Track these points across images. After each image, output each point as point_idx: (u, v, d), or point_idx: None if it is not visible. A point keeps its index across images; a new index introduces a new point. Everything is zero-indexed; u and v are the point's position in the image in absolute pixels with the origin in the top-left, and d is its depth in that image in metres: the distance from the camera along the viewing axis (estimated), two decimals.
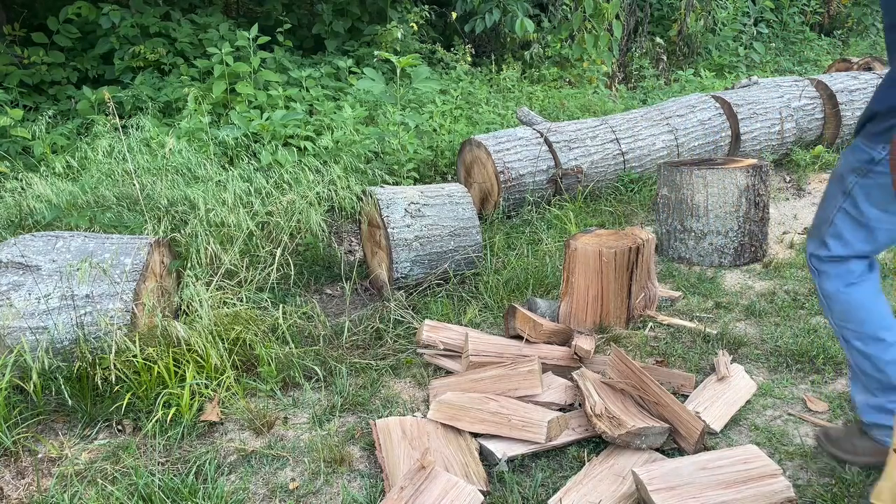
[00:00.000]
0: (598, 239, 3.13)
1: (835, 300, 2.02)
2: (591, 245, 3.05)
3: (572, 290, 3.09)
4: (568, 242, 3.08)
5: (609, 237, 3.15)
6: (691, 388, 2.56)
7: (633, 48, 9.23)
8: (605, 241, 3.09)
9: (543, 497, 2.05)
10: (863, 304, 1.97)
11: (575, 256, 3.06)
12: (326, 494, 2.11)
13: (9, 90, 5.97)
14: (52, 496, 2.10)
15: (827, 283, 2.03)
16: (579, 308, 3.09)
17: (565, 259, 3.10)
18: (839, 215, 1.97)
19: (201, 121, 4.81)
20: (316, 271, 3.82)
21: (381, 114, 5.60)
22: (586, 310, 3.08)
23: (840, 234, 1.97)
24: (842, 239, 1.97)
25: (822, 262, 2.03)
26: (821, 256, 2.03)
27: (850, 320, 1.99)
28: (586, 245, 3.05)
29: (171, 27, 6.76)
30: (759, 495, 1.85)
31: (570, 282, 3.09)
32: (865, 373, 1.99)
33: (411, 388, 2.72)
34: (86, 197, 3.79)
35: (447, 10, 8.67)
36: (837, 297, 2.01)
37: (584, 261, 3.04)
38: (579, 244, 3.05)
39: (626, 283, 3.05)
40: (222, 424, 2.48)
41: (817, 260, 2.05)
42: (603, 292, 3.06)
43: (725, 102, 5.37)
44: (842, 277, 2.00)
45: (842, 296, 2.00)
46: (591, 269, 3.04)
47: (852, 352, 2.01)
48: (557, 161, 4.61)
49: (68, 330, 2.62)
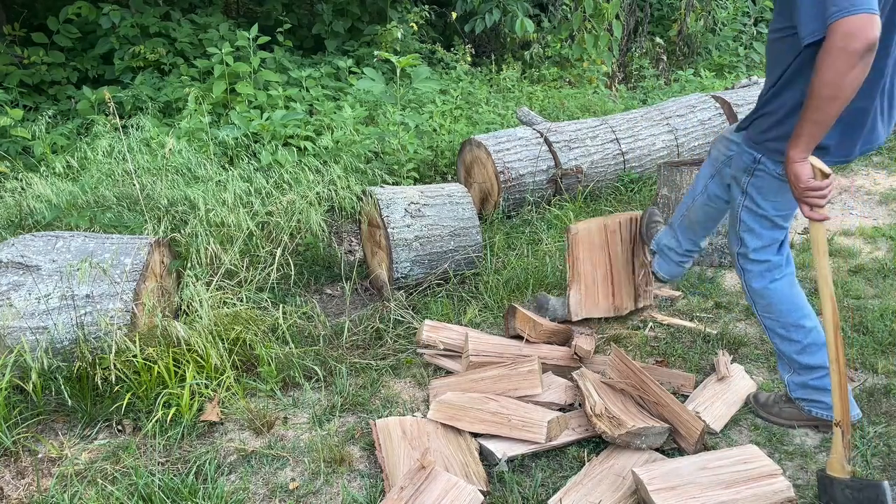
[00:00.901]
0: (596, 221, 3.13)
1: (760, 295, 2.26)
2: (593, 224, 3.06)
3: (579, 277, 3.07)
4: (568, 228, 3.06)
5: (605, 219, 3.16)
6: (691, 388, 2.56)
7: (633, 48, 9.22)
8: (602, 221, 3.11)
9: (543, 497, 2.05)
10: (785, 297, 2.22)
11: (577, 240, 3.05)
12: (326, 494, 2.11)
13: (9, 90, 5.97)
14: (52, 496, 2.10)
15: (754, 281, 2.26)
16: (589, 293, 3.08)
17: (568, 247, 3.07)
18: (743, 213, 2.21)
19: (201, 121, 4.81)
20: (316, 271, 3.82)
21: (381, 114, 5.59)
22: (597, 293, 3.07)
23: (751, 229, 2.21)
24: (753, 232, 2.21)
25: (748, 261, 2.26)
26: (744, 254, 2.26)
27: (773, 312, 2.24)
28: (588, 225, 3.05)
29: (171, 27, 6.76)
30: (759, 495, 1.85)
31: (575, 269, 3.06)
32: (789, 356, 2.25)
33: (411, 388, 2.72)
34: (86, 197, 3.79)
35: (447, 10, 8.66)
36: (763, 293, 2.24)
37: (588, 241, 3.03)
38: (580, 227, 3.05)
39: (630, 256, 3.08)
40: (222, 424, 2.48)
41: (743, 259, 2.27)
42: (612, 269, 3.07)
43: (725, 102, 5.37)
44: (766, 275, 2.24)
45: (767, 291, 2.23)
46: (596, 247, 3.03)
47: (776, 338, 2.28)
48: (557, 161, 4.61)
49: (68, 330, 2.62)
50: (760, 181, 2.12)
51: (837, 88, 1.72)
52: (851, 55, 1.66)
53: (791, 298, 2.23)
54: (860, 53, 1.66)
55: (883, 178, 5.14)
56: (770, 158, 2.06)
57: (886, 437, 2.26)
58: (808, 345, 2.21)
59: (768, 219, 2.17)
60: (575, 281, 3.08)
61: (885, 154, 5.67)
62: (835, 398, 1.95)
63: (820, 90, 1.74)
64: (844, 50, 1.66)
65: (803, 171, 1.85)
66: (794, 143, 1.85)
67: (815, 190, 1.84)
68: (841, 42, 1.66)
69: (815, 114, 1.78)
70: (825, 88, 1.73)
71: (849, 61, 1.67)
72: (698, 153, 5.13)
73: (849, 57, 1.67)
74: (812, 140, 1.83)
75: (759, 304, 2.28)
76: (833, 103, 1.74)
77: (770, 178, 2.09)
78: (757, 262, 2.24)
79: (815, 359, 2.21)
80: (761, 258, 2.23)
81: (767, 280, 2.23)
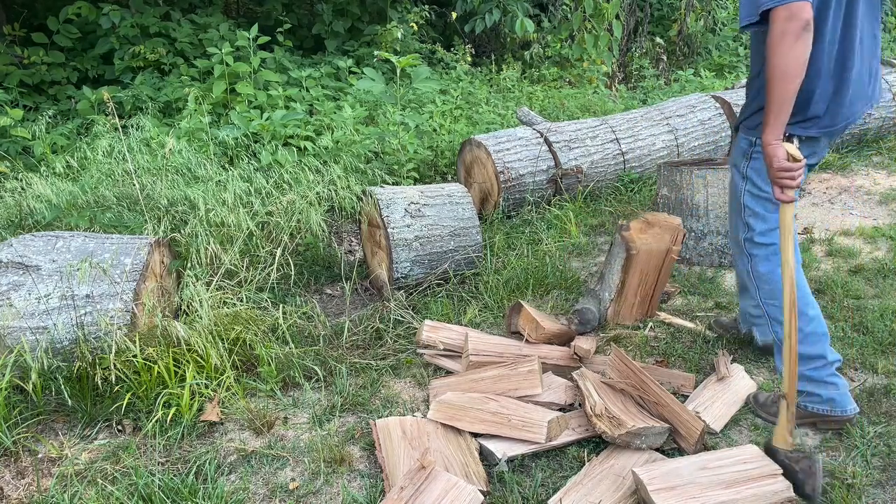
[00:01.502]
0: (649, 232, 3.05)
1: (766, 280, 2.29)
2: (655, 246, 2.99)
3: (624, 291, 3.04)
4: (630, 241, 2.97)
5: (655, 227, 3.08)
6: (691, 387, 2.56)
7: (633, 48, 9.23)
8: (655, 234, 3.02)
9: (543, 497, 2.05)
10: None
11: (636, 260, 2.98)
12: (326, 494, 2.11)
13: (9, 90, 5.97)
14: (52, 496, 2.10)
15: (761, 265, 2.30)
16: (626, 306, 3.08)
17: (625, 263, 2.99)
18: (746, 197, 2.29)
19: (201, 121, 4.81)
20: (316, 271, 3.82)
21: (381, 114, 5.59)
22: (633, 308, 3.08)
23: (755, 212, 2.27)
24: (758, 216, 2.27)
25: (754, 245, 2.30)
26: (750, 238, 2.30)
27: (777, 298, 2.27)
28: (650, 246, 2.98)
29: (171, 27, 6.76)
30: (759, 495, 1.86)
31: (626, 283, 3.02)
32: None
33: (411, 388, 2.71)
34: (86, 197, 3.79)
35: (447, 10, 8.66)
36: (769, 278, 2.28)
37: (647, 261, 2.99)
38: (640, 247, 2.97)
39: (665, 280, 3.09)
40: (222, 424, 2.48)
41: (749, 244, 2.31)
42: (655, 289, 3.07)
43: (725, 102, 5.37)
44: (772, 258, 2.27)
45: (773, 276, 2.27)
46: (650, 268, 3.00)
47: (776, 326, 2.30)
48: (557, 161, 4.61)
49: (68, 330, 2.62)
50: (758, 163, 2.21)
51: (787, 67, 1.91)
52: (790, 35, 1.87)
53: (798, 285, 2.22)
54: (797, 32, 1.87)
55: (883, 178, 5.14)
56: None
57: (886, 437, 2.26)
58: (809, 333, 2.22)
59: (771, 200, 2.23)
60: (620, 294, 3.05)
61: (885, 154, 5.67)
62: (785, 372, 2.05)
63: (773, 72, 1.93)
64: (784, 31, 1.87)
65: (778, 152, 1.98)
66: (766, 127, 2.00)
67: (787, 171, 1.97)
68: (781, 26, 1.87)
69: (774, 95, 1.95)
70: (777, 70, 1.92)
71: (789, 40, 1.88)
72: (698, 153, 5.14)
73: (790, 37, 1.87)
74: (779, 121, 1.97)
75: (764, 290, 2.30)
76: (787, 82, 1.93)
77: None
78: (763, 246, 2.28)
79: (814, 348, 2.22)
80: (768, 241, 2.27)
81: (775, 264, 2.26)
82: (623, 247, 3.01)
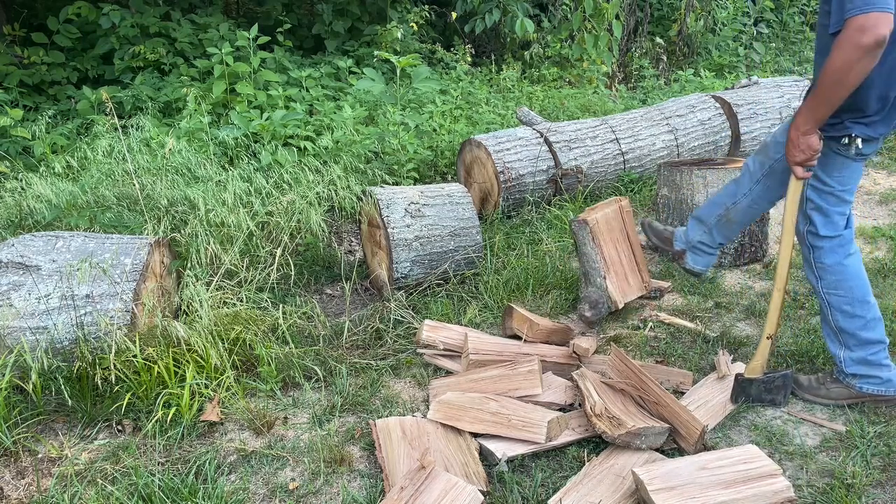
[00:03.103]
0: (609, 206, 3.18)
1: (832, 271, 2.34)
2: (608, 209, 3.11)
3: (609, 265, 3.10)
4: (584, 220, 3.08)
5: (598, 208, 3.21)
6: (690, 385, 2.56)
7: (633, 48, 9.22)
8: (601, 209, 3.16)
9: (543, 497, 2.05)
10: (855, 272, 2.33)
11: (599, 228, 3.07)
12: (326, 494, 2.11)
13: (9, 90, 5.96)
14: (52, 496, 2.10)
15: (826, 257, 2.34)
16: (619, 277, 3.12)
17: (592, 237, 3.08)
18: (808, 191, 2.32)
19: (201, 121, 4.80)
20: (316, 271, 3.82)
21: (381, 114, 5.59)
22: (626, 275, 3.13)
23: (818, 207, 2.31)
24: (821, 210, 2.31)
25: (818, 237, 2.35)
26: (813, 232, 2.35)
27: (842, 288, 2.33)
28: (604, 212, 3.10)
29: (171, 27, 6.76)
30: (759, 495, 1.86)
31: (603, 257, 3.09)
32: (848, 332, 2.35)
33: (411, 388, 2.71)
34: (86, 197, 3.79)
35: (447, 10, 8.66)
36: (836, 269, 2.33)
37: (609, 227, 3.09)
38: (597, 216, 3.08)
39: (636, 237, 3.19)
40: (222, 424, 2.48)
41: (812, 237, 2.36)
42: (633, 249, 3.16)
43: (725, 102, 5.37)
44: (838, 250, 2.33)
45: (840, 267, 2.33)
46: (615, 231, 3.09)
47: (838, 315, 2.36)
48: (557, 161, 4.61)
49: (68, 330, 2.62)
50: (824, 158, 2.25)
51: (844, 75, 1.93)
52: (860, 48, 1.86)
53: (861, 275, 2.34)
54: (869, 47, 1.86)
55: (883, 178, 5.14)
56: (831, 137, 2.21)
57: (886, 437, 2.26)
58: (871, 320, 2.33)
59: (834, 195, 2.29)
60: (607, 270, 3.10)
61: (885, 154, 5.67)
62: (772, 317, 2.36)
63: (829, 75, 1.96)
64: (854, 43, 1.86)
65: (812, 142, 2.13)
66: (803, 115, 2.11)
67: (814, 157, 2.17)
68: (853, 36, 1.86)
69: (822, 95, 2.03)
70: (833, 74, 1.95)
71: (857, 53, 1.88)
72: (698, 153, 5.13)
73: (857, 49, 1.87)
74: (817, 117, 2.08)
75: (827, 281, 2.36)
76: (838, 89, 1.97)
77: (833, 154, 2.23)
78: (828, 238, 2.33)
79: (875, 333, 2.34)
80: (832, 233, 2.32)
81: (841, 255, 2.32)
82: (583, 227, 3.09)
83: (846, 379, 2.40)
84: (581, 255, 3.15)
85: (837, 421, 2.37)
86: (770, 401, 2.45)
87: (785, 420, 2.40)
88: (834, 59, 1.92)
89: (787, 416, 2.42)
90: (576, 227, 3.11)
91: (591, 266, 3.08)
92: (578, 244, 3.15)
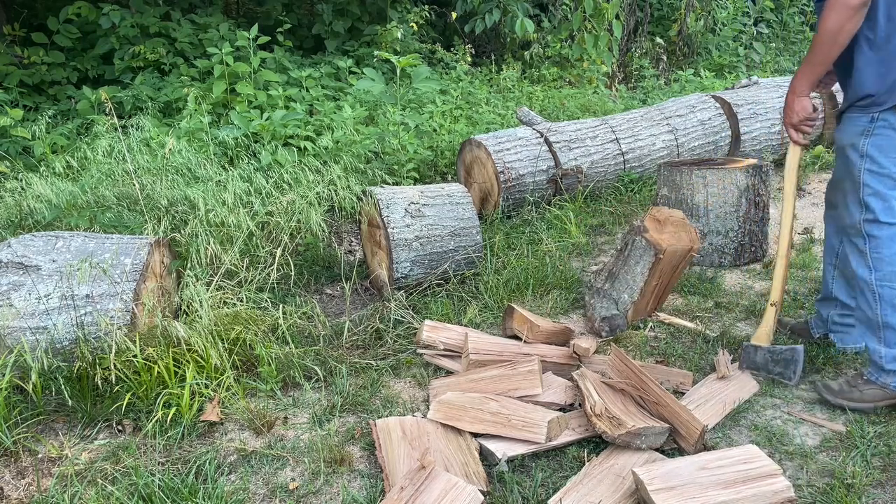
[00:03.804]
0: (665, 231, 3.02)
1: (890, 262, 2.29)
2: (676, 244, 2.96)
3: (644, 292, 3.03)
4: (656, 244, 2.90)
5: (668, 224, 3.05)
6: (690, 385, 2.56)
7: (633, 48, 9.23)
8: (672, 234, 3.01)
9: (543, 497, 2.05)
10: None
11: (661, 260, 2.93)
12: (326, 494, 2.11)
13: (9, 90, 5.97)
14: (52, 496, 2.10)
15: (884, 248, 2.30)
16: (643, 303, 3.09)
17: (652, 264, 2.93)
18: (865, 176, 2.29)
19: (201, 121, 4.80)
20: (316, 271, 3.82)
21: (381, 114, 5.59)
22: (647, 305, 3.10)
23: (876, 192, 2.29)
24: (879, 195, 2.28)
25: (877, 225, 2.30)
26: (871, 220, 2.30)
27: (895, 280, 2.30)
28: (674, 246, 2.94)
29: (171, 27, 6.76)
30: (759, 495, 1.85)
31: (648, 284, 3.00)
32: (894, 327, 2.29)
33: (411, 388, 2.71)
34: (86, 197, 3.79)
35: (447, 10, 8.66)
36: (892, 260, 2.29)
37: (669, 261, 2.98)
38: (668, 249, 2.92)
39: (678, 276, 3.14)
40: (222, 424, 2.48)
41: (870, 225, 2.31)
42: (668, 286, 3.12)
43: (725, 102, 5.37)
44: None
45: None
46: (670, 266, 3.01)
47: (888, 309, 2.29)
48: (557, 161, 4.61)
49: (68, 330, 2.62)
50: (881, 139, 2.27)
51: (836, 35, 2.16)
52: (849, 7, 2.10)
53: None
54: (856, 7, 2.10)
55: None
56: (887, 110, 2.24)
57: (886, 437, 2.26)
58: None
59: (891, 177, 2.28)
60: (641, 295, 3.03)
61: None
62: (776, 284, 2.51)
63: (823, 36, 2.18)
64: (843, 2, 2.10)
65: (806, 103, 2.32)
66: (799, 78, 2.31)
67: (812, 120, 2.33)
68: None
69: (817, 56, 2.24)
70: (827, 35, 2.17)
71: (847, 13, 2.11)
72: (698, 153, 5.14)
73: (847, 9, 2.10)
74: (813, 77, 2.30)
75: (884, 273, 2.30)
76: (831, 48, 2.19)
77: (892, 132, 2.25)
78: (887, 226, 2.29)
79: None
80: (891, 220, 2.29)
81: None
82: (650, 250, 2.92)
83: (881, 378, 2.31)
84: (624, 264, 3.00)
85: (837, 421, 2.37)
86: (778, 374, 2.46)
87: (785, 420, 2.40)
88: (826, 20, 2.13)
89: (786, 416, 2.42)
90: (639, 242, 2.94)
91: (627, 281, 2.99)
92: (629, 254, 2.98)
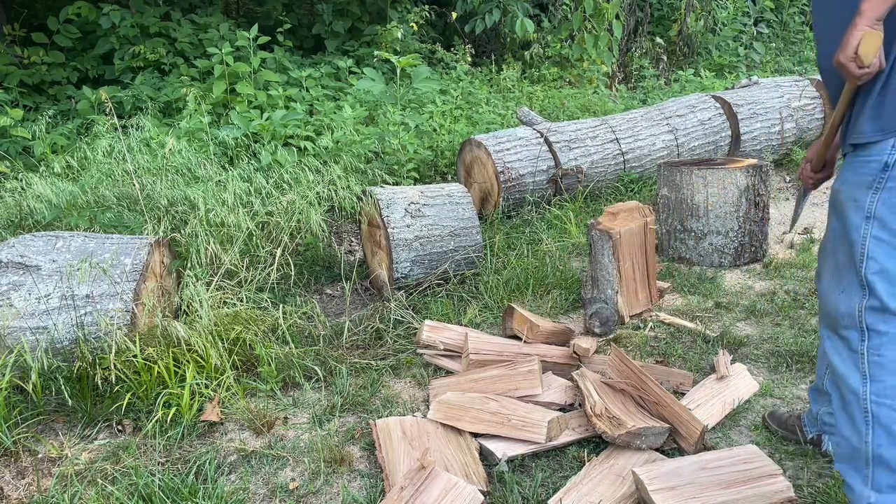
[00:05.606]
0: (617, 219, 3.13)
1: (890, 371, 1.62)
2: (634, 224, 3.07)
3: (623, 278, 3.07)
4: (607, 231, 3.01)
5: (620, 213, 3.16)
6: (690, 385, 2.56)
7: (633, 48, 9.23)
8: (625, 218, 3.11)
9: (543, 497, 2.05)
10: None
11: (620, 242, 3.03)
12: (326, 494, 2.11)
13: (9, 90, 5.97)
14: (52, 496, 2.10)
15: (888, 349, 1.63)
16: (630, 291, 3.10)
17: (613, 250, 3.03)
18: (872, 246, 1.62)
19: (201, 121, 4.80)
20: (316, 271, 3.81)
21: (381, 114, 5.59)
22: (636, 289, 3.11)
23: (884, 269, 1.61)
24: (887, 273, 1.61)
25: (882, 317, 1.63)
26: (875, 308, 1.63)
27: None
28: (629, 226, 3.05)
29: (171, 27, 6.76)
30: (759, 495, 1.85)
31: (621, 271, 3.05)
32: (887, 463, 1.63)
33: (411, 388, 2.71)
34: (86, 197, 3.79)
35: (447, 10, 8.66)
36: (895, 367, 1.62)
37: (630, 242, 3.04)
38: (622, 230, 3.03)
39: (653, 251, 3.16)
40: (222, 424, 2.48)
41: (872, 314, 1.63)
42: (648, 264, 3.12)
43: (725, 102, 5.37)
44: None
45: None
46: (636, 245, 3.05)
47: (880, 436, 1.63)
48: (557, 161, 4.61)
49: (68, 330, 2.62)
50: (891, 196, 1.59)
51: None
52: None
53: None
54: None
55: None
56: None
57: None
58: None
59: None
60: (620, 284, 3.06)
61: None
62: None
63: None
64: None
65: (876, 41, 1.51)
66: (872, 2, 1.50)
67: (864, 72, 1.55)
68: None
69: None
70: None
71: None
72: (698, 153, 5.13)
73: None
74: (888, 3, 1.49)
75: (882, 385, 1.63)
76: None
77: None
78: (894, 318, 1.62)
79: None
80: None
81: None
82: (605, 237, 3.04)
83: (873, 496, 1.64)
84: (595, 262, 3.12)
85: None
86: None
87: None
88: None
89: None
90: (596, 235, 3.06)
91: (603, 276, 3.05)
92: (595, 251, 3.10)
